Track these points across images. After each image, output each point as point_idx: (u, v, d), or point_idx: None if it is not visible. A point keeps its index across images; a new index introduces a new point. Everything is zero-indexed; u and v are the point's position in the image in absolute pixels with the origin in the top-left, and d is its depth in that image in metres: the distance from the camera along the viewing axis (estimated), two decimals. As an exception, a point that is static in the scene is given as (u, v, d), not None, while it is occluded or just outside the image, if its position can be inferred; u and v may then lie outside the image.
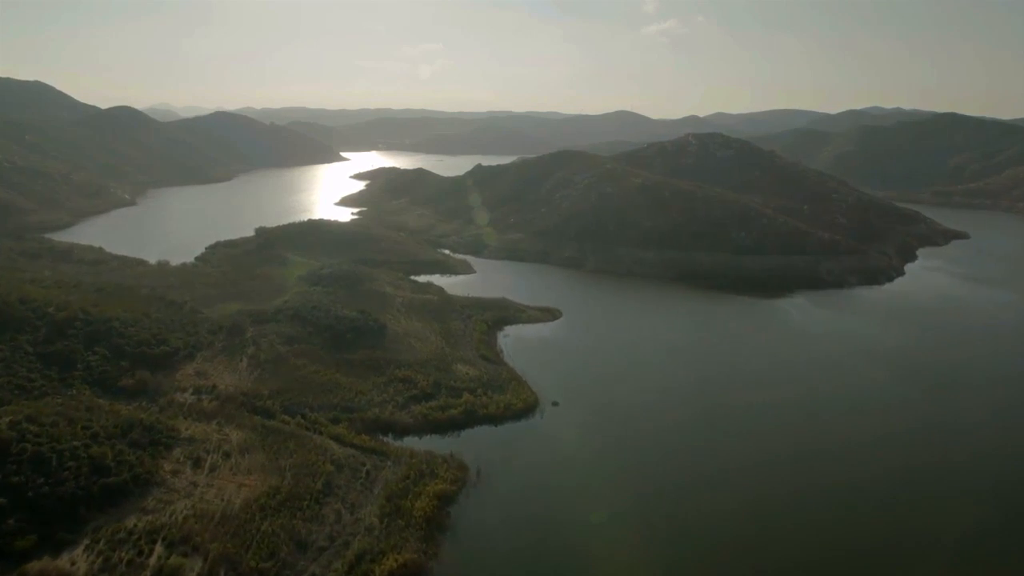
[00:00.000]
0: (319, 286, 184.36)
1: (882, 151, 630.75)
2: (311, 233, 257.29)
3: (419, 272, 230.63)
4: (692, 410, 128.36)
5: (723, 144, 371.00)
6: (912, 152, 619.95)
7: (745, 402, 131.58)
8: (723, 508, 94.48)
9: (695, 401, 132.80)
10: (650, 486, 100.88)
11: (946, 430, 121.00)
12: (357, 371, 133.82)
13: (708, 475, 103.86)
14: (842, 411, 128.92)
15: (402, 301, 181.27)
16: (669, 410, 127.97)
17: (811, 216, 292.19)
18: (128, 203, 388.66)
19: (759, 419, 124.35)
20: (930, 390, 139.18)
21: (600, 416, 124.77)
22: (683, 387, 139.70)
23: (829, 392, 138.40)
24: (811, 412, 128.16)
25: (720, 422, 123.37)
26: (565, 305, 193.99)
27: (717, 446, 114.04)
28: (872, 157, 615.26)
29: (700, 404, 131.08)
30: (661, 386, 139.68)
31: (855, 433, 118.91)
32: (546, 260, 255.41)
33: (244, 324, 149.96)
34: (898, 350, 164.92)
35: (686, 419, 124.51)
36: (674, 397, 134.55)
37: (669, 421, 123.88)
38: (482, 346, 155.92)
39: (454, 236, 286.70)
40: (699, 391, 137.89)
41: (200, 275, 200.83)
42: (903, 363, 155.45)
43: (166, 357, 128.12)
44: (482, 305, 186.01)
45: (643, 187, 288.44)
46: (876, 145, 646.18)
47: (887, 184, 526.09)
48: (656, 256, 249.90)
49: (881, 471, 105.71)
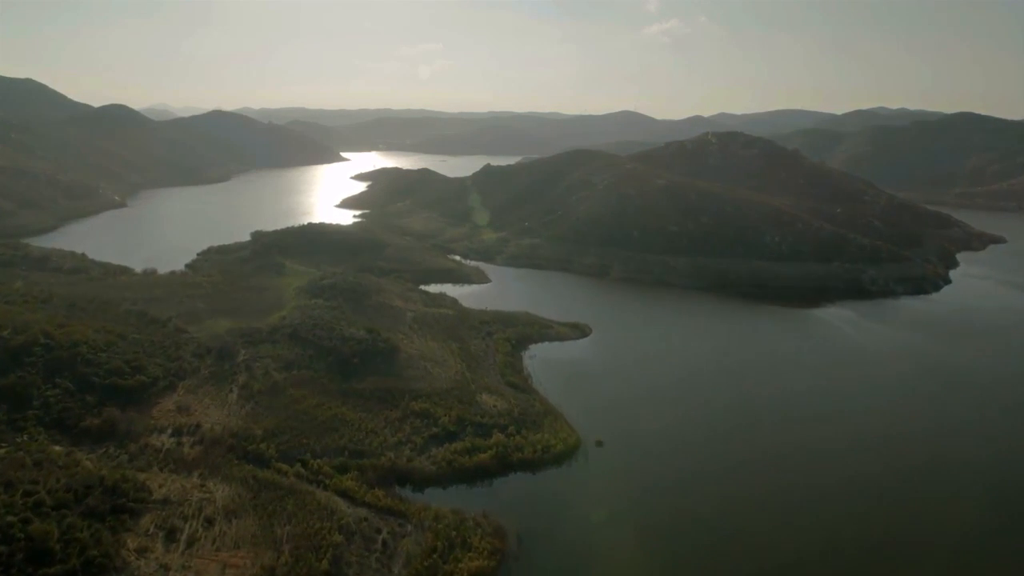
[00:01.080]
0: (320, 299, 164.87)
1: (898, 151, 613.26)
2: (311, 238, 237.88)
3: (429, 281, 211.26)
4: (757, 449, 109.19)
5: (746, 143, 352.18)
6: (929, 153, 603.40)
7: (818, 440, 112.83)
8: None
9: (759, 438, 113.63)
10: (724, 556, 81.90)
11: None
12: (366, 404, 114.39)
13: (801, 550, 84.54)
14: (937, 452, 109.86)
15: (414, 316, 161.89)
16: (730, 450, 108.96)
17: (845, 220, 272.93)
18: (118, 205, 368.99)
19: (838, 463, 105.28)
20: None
21: (653, 459, 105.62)
22: (740, 419, 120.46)
23: (913, 428, 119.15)
24: (903, 455, 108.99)
25: (795, 467, 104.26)
26: (594, 319, 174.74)
27: (796, 499, 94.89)
28: (888, 158, 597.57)
29: (767, 442, 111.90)
30: (715, 419, 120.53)
31: (972, 491, 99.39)
32: (567, 268, 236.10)
33: (235, 346, 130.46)
34: (982, 373, 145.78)
35: (751, 460, 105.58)
36: (733, 433, 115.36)
37: (732, 462, 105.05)
38: (507, 370, 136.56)
39: (464, 241, 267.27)
40: (762, 424, 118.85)
41: (188, 285, 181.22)
42: (994, 391, 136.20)
43: (141, 389, 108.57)
44: (503, 320, 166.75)
45: (667, 189, 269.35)
46: (891, 145, 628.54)
47: (906, 185, 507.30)
48: (687, 263, 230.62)
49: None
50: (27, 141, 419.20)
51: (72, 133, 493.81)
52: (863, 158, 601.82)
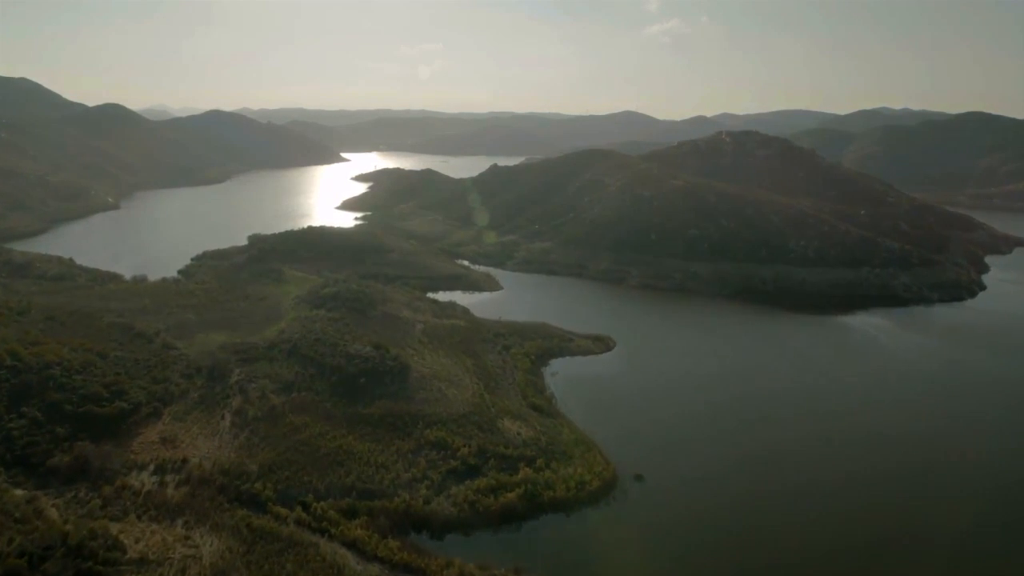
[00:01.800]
0: (322, 309, 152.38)
1: (908, 151, 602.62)
2: (311, 242, 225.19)
3: (437, 288, 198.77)
4: (811, 480, 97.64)
5: (761, 143, 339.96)
6: (939, 152, 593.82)
7: (881, 469, 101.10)
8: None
9: (812, 465, 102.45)
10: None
11: None
12: (375, 432, 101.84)
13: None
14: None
15: (423, 328, 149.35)
16: (784, 483, 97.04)
17: (870, 223, 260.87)
18: (111, 207, 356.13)
19: (908, 492, 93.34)
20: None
21: (700, 497, 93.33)
22: (790, 444, 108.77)
23: (984, 457, 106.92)
24: (971, 486, 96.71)
25: (860, 496, 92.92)
26: (616, 330, 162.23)
27: (871, 541, 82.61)
28: (899, 158, 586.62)
29: (823, 472, 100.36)
30: (759, 446, 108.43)
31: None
32: (581, 273, 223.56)
33: (229, 364, 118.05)
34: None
35: (808, 493, 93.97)
36: (784, 461, 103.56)
37: (788, 498, 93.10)
38: (529, 390, 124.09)
39: (472, 245, 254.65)
40: (812, 450, 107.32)
41: (180, 294, 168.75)
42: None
43: (121, 417, 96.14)
44: (519, 332, 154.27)
45: (684, 190, 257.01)
46: (902, 145, 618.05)
47: (917, 185, 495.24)
48: (709, 269, 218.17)
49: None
50: (18, 141, 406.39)
51: (65, 133, 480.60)
52: (874, 158, 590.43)
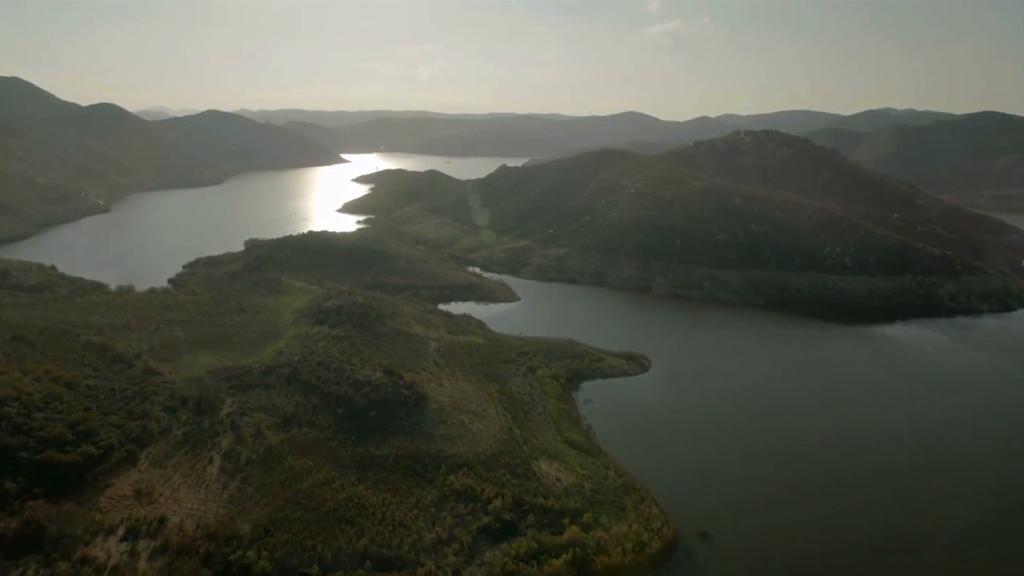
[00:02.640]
0: (325, 325, 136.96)
1: (922, 151, 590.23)
2: (311, 248, 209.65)
3: (449, 299, 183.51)
4: (904, 533, 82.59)
5: (782, 142, 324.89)
6: (954, 152, 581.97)
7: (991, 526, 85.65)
8: None
9: (900, 514, 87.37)
10: None
11: None
12: (390, 478, 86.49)
13: None
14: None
15: (438, 347, 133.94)
16: (873, 537, 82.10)
17: (904, 226, 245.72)
18: (101, 210, 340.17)
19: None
20: None
21: (779, 555, 78.19)
22: (868, 482, 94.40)
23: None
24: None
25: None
26: (648, 347, 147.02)
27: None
28: (913, 158, 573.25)
29: (915, 522, 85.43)
30: (836, 485, 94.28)
31: None
32: (602, 282, 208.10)
33: (219, 393, 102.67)
34: None
35: (902, 550, 79.26)
36: (867, 504, 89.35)
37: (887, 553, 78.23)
38: (563, 421, 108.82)
39: (483, 251, 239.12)
40: (895, 496, 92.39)
41: (168, 307, 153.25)
42: None
43: (88, 465, 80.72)
44: (545, 351, 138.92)
45: (708, 192, 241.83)
46: (915, 145, 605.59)
47: (935, 187, 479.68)
48: (739, 277, 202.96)
49: None
50: (5, 141, 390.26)
51: (57, 133, 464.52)
52: (887, 158, 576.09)
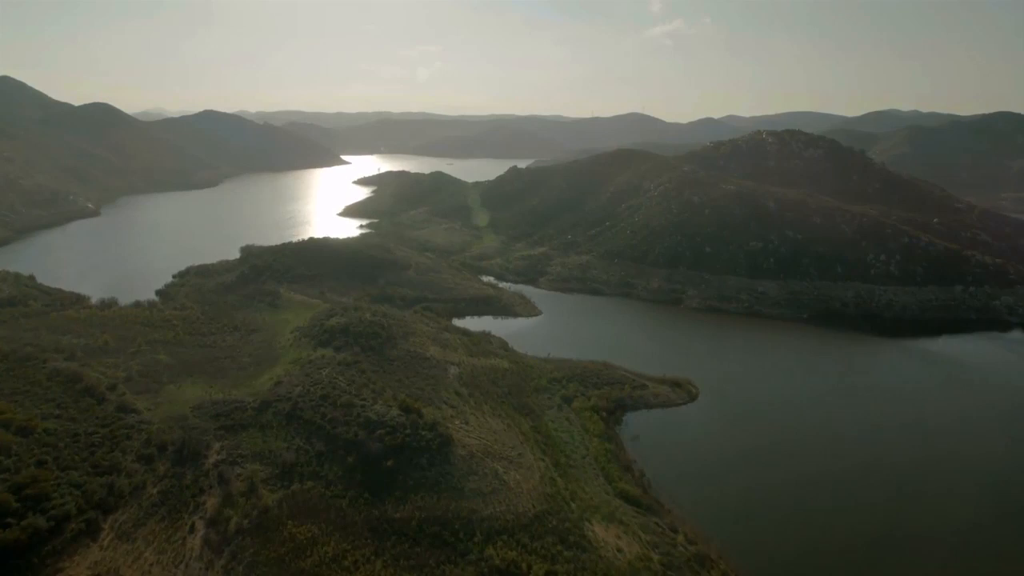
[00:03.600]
0: (329, 348, 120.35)
1: (938, 152, 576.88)
2: (312, 256, 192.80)
3: (464, 313, 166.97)
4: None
5: (807, 142, 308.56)
6: (970, 154, 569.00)
7: None
8: None
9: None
10: None
11: None
12: (414, 551, 69.89)
13: None
14: None
15: (459, 373, 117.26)
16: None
17: (947, 232, 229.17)
18: (90, 213, 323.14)
19: None
20: None
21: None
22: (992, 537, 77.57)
23: None
24: None
25: None
26: (691, 370, 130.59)
27: None
28: (929, 159, 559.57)
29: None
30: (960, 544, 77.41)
31: None
32: (629, 293, 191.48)
33: (205, 437, 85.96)
34: None
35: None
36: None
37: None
38: (613, 468, 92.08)
39: (497, 258, 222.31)
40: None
41: (154, 325, 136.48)
42: None
43: (34, 544, 63.86)
44: (579, 375, 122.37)
45: (739, 196, 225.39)
46: (931, 146, 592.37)
47: (954, 189, 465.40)
48: (778, 288, 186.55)
49: None
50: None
51: (47, 133, 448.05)
52: (902, 160, 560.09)
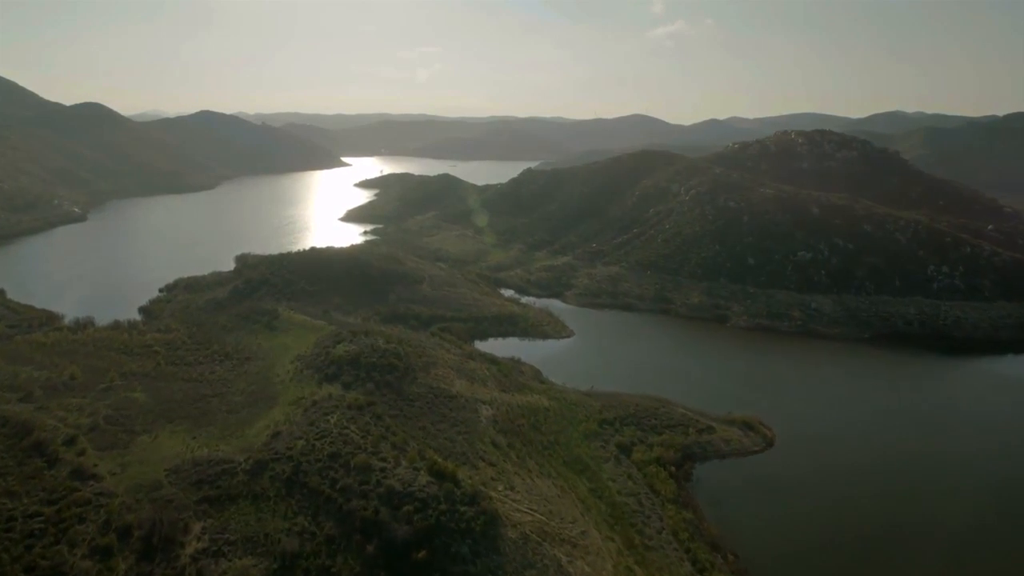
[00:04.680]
0: (337, 383, 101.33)
1: (957, 154, 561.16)
2: (314, 268, 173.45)
3: (487, 334, 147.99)
4: None
5: (840, 143, 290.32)
6: (990, 156, 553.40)
7: None
8: None
9: None
10: None
11: None
12: None
13: None
14: None
15: (493, 416, 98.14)
16: None
17: (1007, 241, 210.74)
18: (76, 218, 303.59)
19: None
20: None
21: None
22: None
23: None
24: None
25: None
26: (758, 404, 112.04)
27: None
28: (949, 161, 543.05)
29: None
30: None
31: None
32: (666, 309, 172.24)
33: (183, 516, 66.89)
34: None
35: None
36: None
37: None
38: (698, 547, 73.00)
39: (517, 268, 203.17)
40: None
41: (132, 352, 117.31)
42: None
43: None
44: (632, 415, 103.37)
45: (780, 201, 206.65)
46: (949, 148, 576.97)
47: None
48: (832, 304, 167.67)
49: None
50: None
51: (35, 134, 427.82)
52: (921, 161, 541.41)
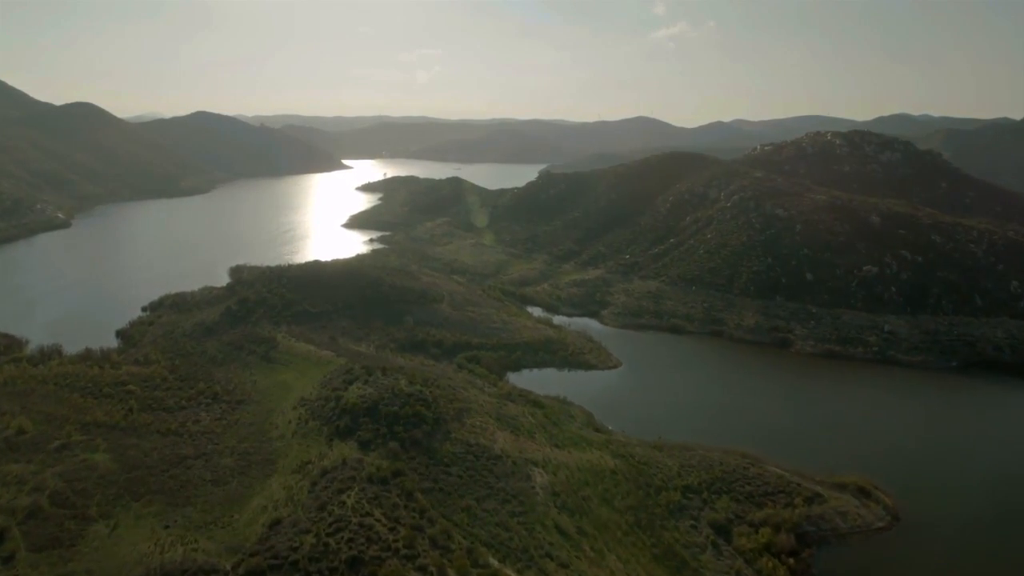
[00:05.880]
0: (352, 441, 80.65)
1: (978, 157, 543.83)
2: (318, 286, 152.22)
3: (520, 364, 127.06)
4: None
5: (882, 145, 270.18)
6: (1013, 158, 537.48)
7: None
8: None
9: None
10: None
11: None
12: None
13: None
14: None
15: (550, 484, 77.29)
16: None
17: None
18: (59, 224, 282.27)
19: None
20: None
21: None
22: None
23: None
24: None
25: None
26: (861, 457, 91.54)
27: None
28: (972, 164, 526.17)
29: None
30: None
31: None
32: (718, 331, 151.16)
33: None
34: None
35: None
36: None
37: None
38: None
39: (545, 284, 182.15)
40: None
41: (100, 392, 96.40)
42: None
43: None
44: (718, 479, 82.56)
45: (834, 208, 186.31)
46: (970, 150, 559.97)
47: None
48: (908, 327, 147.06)
49: None
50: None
51: (21, 135, 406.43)
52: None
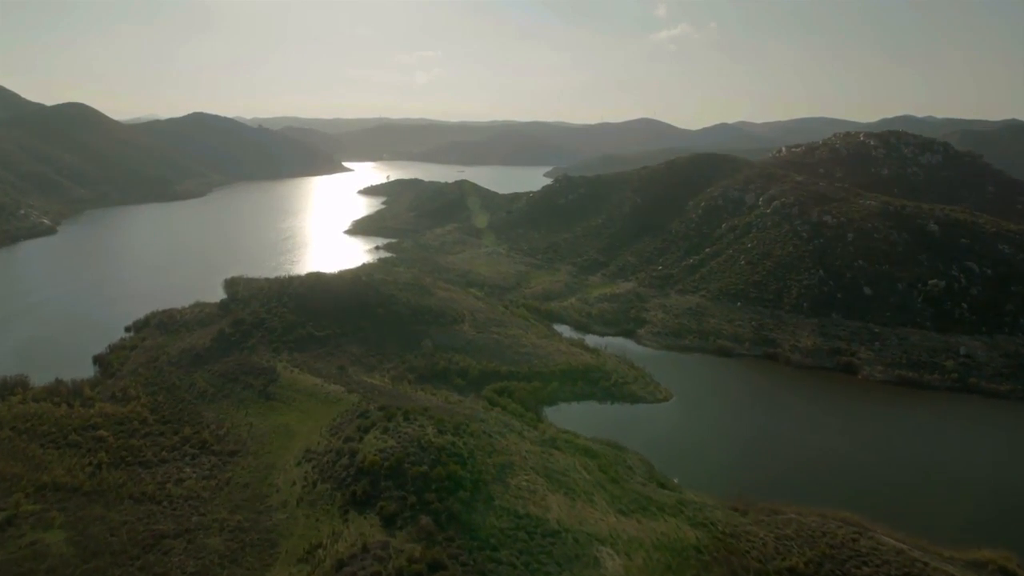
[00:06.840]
0: (372, 514, 64.32)
1: (997, 158, 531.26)
2: (323, 305, 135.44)
3: (557, 398, 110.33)
4: None
5: (921, 146, 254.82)
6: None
7: None
8: None
9: None
10: None
11: None
12: None
13: None
14: None
15: (621, 570, 60.85)
16: None
17: None
18: (43, 231, 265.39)
19: None
20: None
21: None
22: None
23: None
24: None
25: None
26: (983, 520, 75.32)
27: None
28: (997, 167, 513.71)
29: None
30: None
31: None
32: (772, 353, 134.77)
33: None
34: None
35: None
36: None
37: None
38: None
39: (571, 298, 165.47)
40: None
41: (64, 441, 79.92)
42: None
43: None
44: (828, 557, 66.13)
45: (888, 215, 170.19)
46: (986, 151, 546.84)
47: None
48: (986, 349, 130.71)
49: None
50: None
51: (7, 135, 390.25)
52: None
